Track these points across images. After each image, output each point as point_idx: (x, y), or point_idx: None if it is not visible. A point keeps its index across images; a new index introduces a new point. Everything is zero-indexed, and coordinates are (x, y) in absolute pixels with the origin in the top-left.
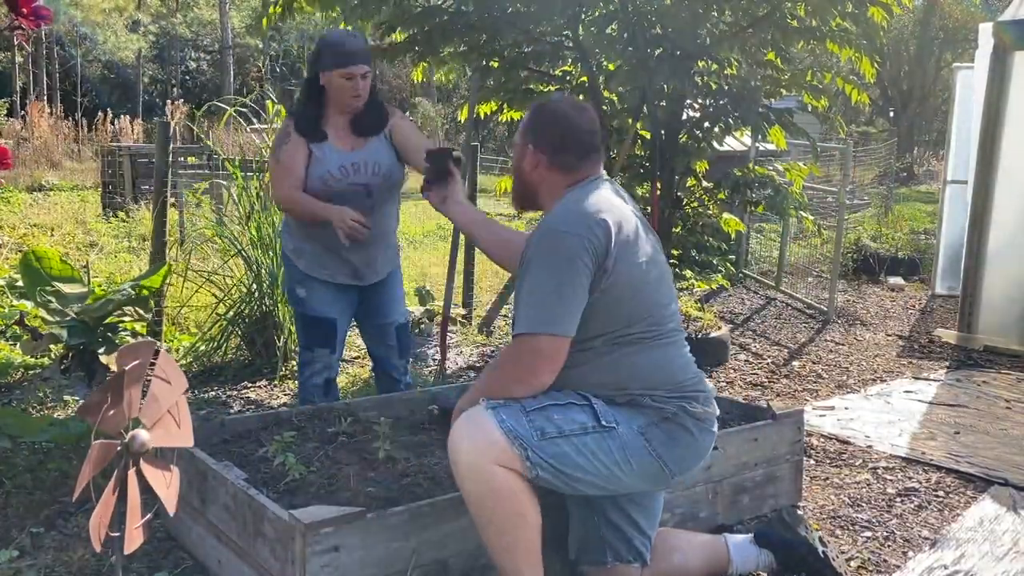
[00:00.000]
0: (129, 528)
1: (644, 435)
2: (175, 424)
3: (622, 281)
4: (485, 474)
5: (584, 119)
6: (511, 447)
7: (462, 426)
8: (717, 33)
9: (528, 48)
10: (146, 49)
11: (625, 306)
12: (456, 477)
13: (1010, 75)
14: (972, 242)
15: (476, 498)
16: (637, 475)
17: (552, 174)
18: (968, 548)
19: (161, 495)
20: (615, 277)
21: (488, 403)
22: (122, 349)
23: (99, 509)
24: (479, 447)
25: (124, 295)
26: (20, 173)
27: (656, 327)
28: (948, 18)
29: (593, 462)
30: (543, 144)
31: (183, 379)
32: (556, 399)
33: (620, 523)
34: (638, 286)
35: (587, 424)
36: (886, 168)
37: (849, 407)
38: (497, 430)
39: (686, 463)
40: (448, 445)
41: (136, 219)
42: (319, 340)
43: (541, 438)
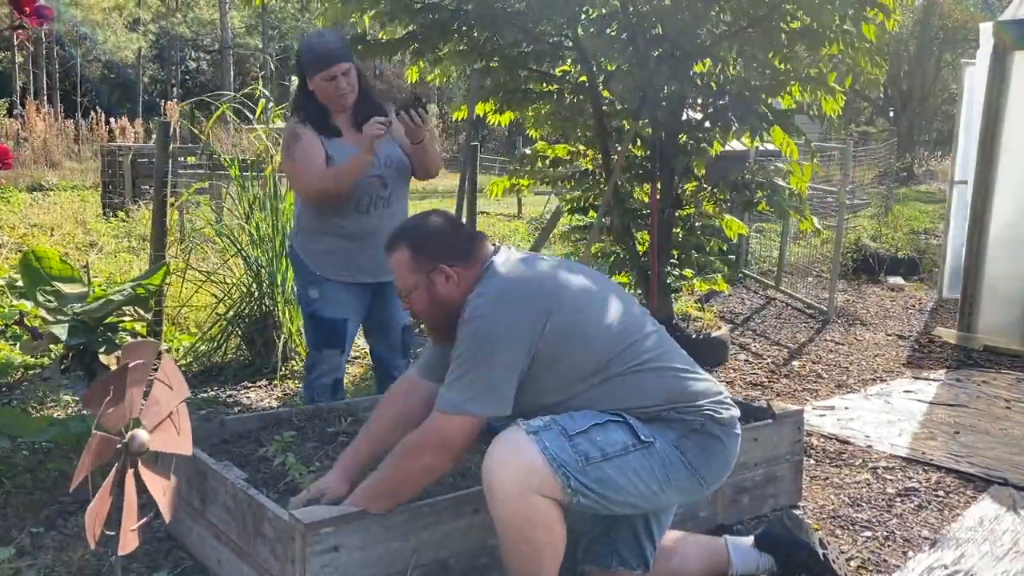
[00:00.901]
0: (125, 529)
1: (678, 448)
2: (175, 431)
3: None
4: (524, 504)
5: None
6: (554, 476)
7: (501, 450)
8: (717, 33)
9: (528, 48)
10: (146, 49)
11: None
12: (490, 502)
13: (1010, 75)
14: (972, 242)
15: (511, 525)
16: (676, 490)
17: (467, 273)
18: (968, 548)
19: (158, 500)
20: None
21: (528, 426)
22: (126, 346)
23: (95, 504)
24: (519, 475)
25: (124, 295)
26: (20, 173)
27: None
28: (948, 18)
29: (636, 482)
30: (449, 258)
31: (185, 386)
32: (595, 419)
33: (639, 532)
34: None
35: (628, 443)
36: (886, 168)
37: (849, 407)
38: (539, 456)
39: (720, 472)
40: (483, 468)
41: (136, 219)
42: (329, 341)
43: (586, 463)
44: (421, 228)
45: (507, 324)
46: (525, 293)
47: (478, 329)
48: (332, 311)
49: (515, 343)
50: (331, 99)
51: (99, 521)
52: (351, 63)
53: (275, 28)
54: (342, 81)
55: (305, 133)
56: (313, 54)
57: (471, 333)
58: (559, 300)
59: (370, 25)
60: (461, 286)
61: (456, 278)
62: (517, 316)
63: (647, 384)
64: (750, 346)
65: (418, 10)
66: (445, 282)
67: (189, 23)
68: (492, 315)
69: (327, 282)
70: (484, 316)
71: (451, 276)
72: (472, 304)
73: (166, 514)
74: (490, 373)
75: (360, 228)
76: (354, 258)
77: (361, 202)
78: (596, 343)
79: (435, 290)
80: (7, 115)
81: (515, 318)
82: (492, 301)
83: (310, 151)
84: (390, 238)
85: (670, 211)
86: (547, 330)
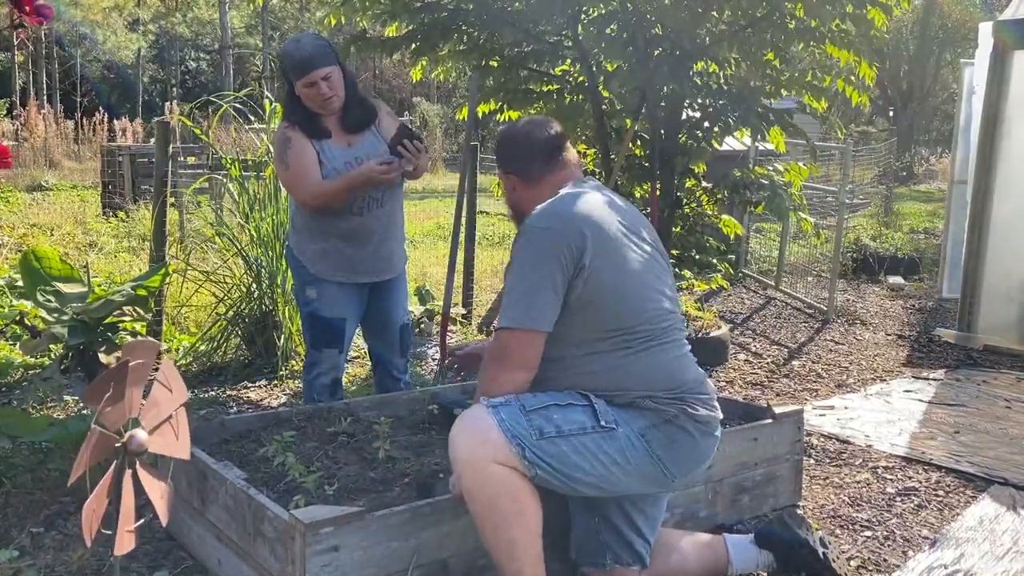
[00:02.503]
0: (122, 529)
1: (644, 437)
2: (174, 435)
3: (603, 280)
4: (482, 471)
5: (542, 129)
6: (508, 445)
7: (460, 424)
8: (716, 33)
9: (528, 47)
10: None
11: (611, 306)
12: (455, 475)
13: (1009, 75)
14: (972, 242)
15: (474, 495)
16: (636, 477)
17: (531, 190)
18: (968, 547)
19: (155, 504)
20: (593, 275)
21: (488, 401)
22: (126, 345)
23: (91, 501)
24: (476, 444)
25: (124, 295)
26: (20, 173)
27: (650, 327)
28: (948, 17)
29: (592, 462)
30: (511, 165)
31: (184, 390)
32: (557, 399)
33: (621, 526)
34: (620, 286)
35: (586, 424)
36: (886, 167)
37: (849, 407)
38: (495, 428)
39: (687, 467)
40: (449, 442)
41: (136, 219)
42: (328, 341)
43: (539, 437)
44: (505, 133)
45: (548, 246)
46: (573, 224)
47: (522, 248)
48: (330, 311)
49: (556, 266)
50: (315, 104)
51: (96, 519)
52: (332, 66)
53: (275, 28)
54: (323, 86)
55: (295, 137)
56: (291, 61)
57: (517, 251)
58: (606, 246)
59: (371, 24)
60: (524, 198)
61: (517, 188)
62: (557, 240)
63: (640, 366)
64: (750, 346)
65: (418, 9)
66: (512, 188)
67: (189, 23)
68: (537, 238)
69: (324, 282)
70: (530, 237)
71: (516, 186)
72: (526, 223)
73: (163, 518)
74: (539, 288)
75: (354, 229)
76: (349, 259)
77: (355, 203)
78: (620, 307)
79: (508, 190)
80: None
81: (563, 242)
82: (541, 224)
83: (302, 157)
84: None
85: (670, 211)
86: (586, 271)
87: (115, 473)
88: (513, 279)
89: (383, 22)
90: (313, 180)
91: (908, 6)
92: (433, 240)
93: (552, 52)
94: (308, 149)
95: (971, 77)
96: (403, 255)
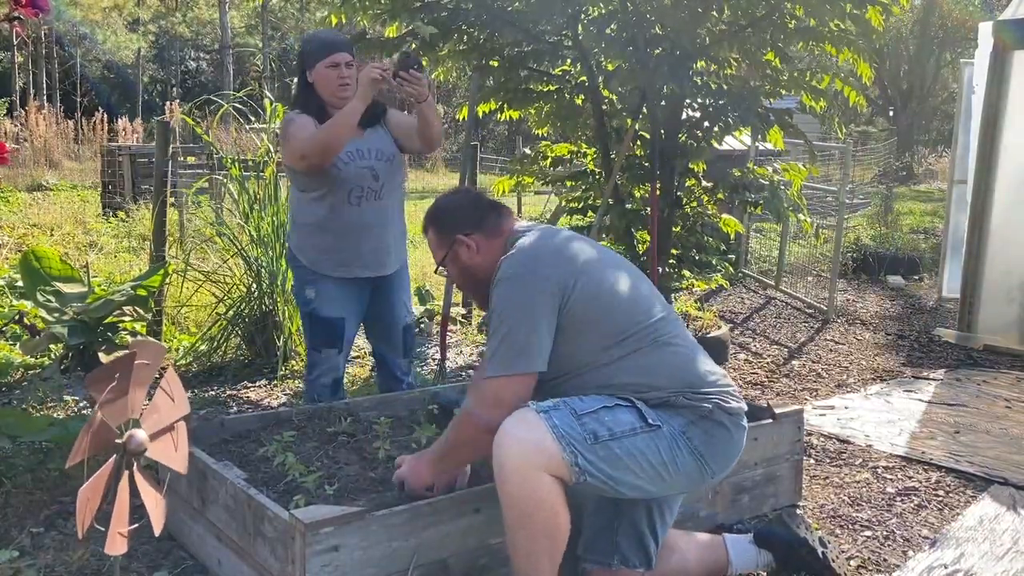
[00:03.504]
0: (113, 530)
1: (685, 434)
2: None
3: (595, 292)
4: (531, 479)
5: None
6: (562, 453)
7: (512, 428)
8: (716, 33)
9: (528, 47)
10: (146, 49)
11: (610, 314)
12: (498, 478)
13: (1009, 75)
14: (972, 242)
15: (516, 501)
16: (682, 476)
17: (492, 242)
18: (968, 547)
19: (150, 511)
20: (583, 294)
21: (538, 405)
22: (134, 342)
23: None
24: (528, 450)
25: (124, 295)
26: (20, 173)
27: (654, 326)
28: (948, 18)
29: (642, 464)
30: (469, 228)
31: (186, 402)
32: (604, 401)
33: (643, 528)
34: (612, 294)
35: (635, 425)
36: (886, 167)
37: (849, 406)
38: (549, 434)
39: (725, 461)
40: (494, 444)
41: (136, 219)
42: (328, 341)
43: (594, 442)
44: (439, 206)
45: (535, 282)
46: (552, 256)
47: (507, 289)
48: (330, 310)
49: (544, 301)
50: (332, 90)
51: (90, 510)
52: (354, 59)
53: (275, 28)
54: (344, 70)
55: (300, 117)
56: (317, 42)
57: (501, 294)
58: (585, 268)
59: (371, 23)
60: (484, 254)
61: (476, 247)
62: (544, 274)
63: (664, 363)
64: (750, 346)
65: (417, 9)
66: (468, 251)
67: (189, 23)
68: (521, 275)
69: (324, 281)
70: (512, 276)
71: (471, 245)
72: (502, 267)
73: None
74: (523, 330)
75: (353, 221)
76: (349, 253)
77: (352, 194)
78: (619, 314)
79: (460, 260)
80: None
81: (543, 276)
82: (520, 262)
83: (305, 126)
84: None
85: (670, 211)
86: (574, 293)
87: (113, 468)
88: (501, 326)
89: (383, 22)
90: (311, 133)
91: (908, 5)
92: None
93: (552, 52)
94: (311, 124)
95: (971, 77)
96: (403, 251)
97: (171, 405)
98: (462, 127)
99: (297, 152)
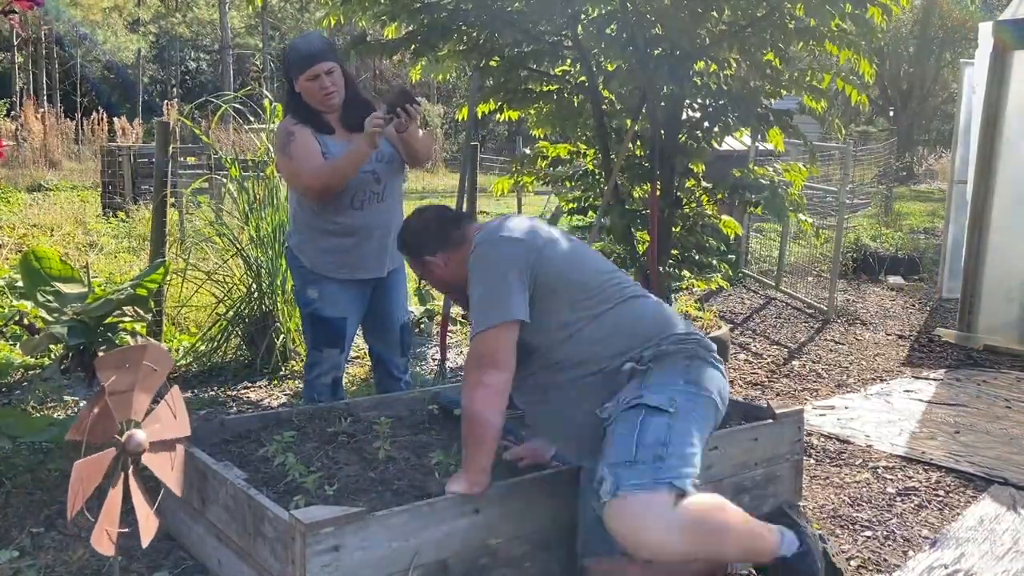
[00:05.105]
0: (100, 527)
1: (688, 381)
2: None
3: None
4: (675, 533)
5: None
6: (662, 494)
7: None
8: (716, 33)
9: (528, 47)
10: (146, 49)
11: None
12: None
13: (1009, 75)
14: (972, 242)
15: (694, 550)
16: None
17: (457, 254)
18: (968, 547)
19: (167, 480)
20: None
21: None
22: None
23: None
24: (653, 524)
25: (124, 295)
26: (20, 173)
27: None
28: (948, 18)
29: (696, 435)
30: (430, 250)
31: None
32: (629, 427)
33: None
34: (575, 260)
35: (661, 421)
36: (886, 167)
37: (849, 406)
38: (640, 498)
39: (723, 393)
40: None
41: (136, 219)
42: (329, 340)
43: (663, 461)
44: (407, 230)
45: (503, 251)
46: (515, 233)
47: (477, 262)
48: (332, 310)
49: (513, 262)
50: (317, 100)
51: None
52: (334, 63)
53: (275, 28)
54: (325, 80)
55: (298, 130)
56: (296, 55)
57: (472, 267)
58: (548, 237)
59: (371, 24)
60: (454, 265)
61: (444, 263)
62: (510, 247)
63: (645, 314)
64: (750, 346)
65: (417, 10)
66: (439, 268)
67: (189, 23)
68: (488, 251)
69: (325, 281)
70: (478, 257)
71: (440, 263)
72: (475, 248)
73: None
74: (493, 286)
75: (355, 223)
76: (351, 254)
77: (355, 198)
78: (587, 274)
79: (437, 275)
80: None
81: (509, 247)
82: (486, 245)
83: (307, 147)
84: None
85: (670, 211)
86: (541, 257)
87: (111, 465)
88: (476, 288)
89: (382, 23)
90: (317, 163)
91: (908, 5)
92: None
93: (552, 52)
94: (312, 140)
95: (971, 77)
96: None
97: (173, 422)
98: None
99: (300, 183)
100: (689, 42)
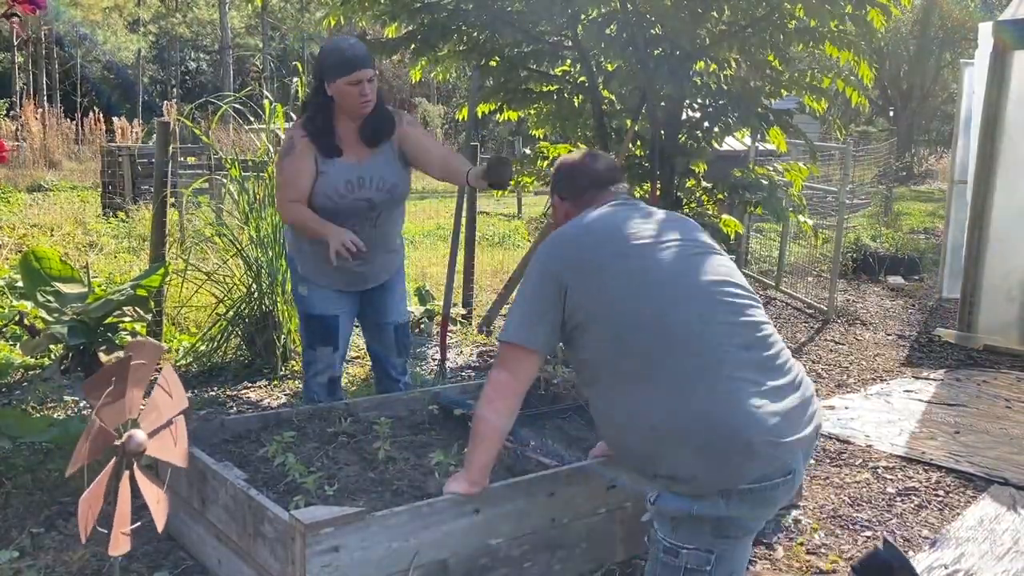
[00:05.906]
0: (116, 531)
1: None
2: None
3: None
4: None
5: (598, 162)
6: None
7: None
8: (716, 33)
9: (528, 47)
10: (146, 49)
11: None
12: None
13: (1009, 75)
14: (972, 242)
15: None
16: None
17: (575, 211)
18: (968, 547)
19: (152, 509)
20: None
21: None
22: (130, 344)
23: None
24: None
25: (124, 295)
26: (20, 173)
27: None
28: (948, 18)
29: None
30: (564, 192)
31: (184, 397)
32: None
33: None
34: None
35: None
36: (886, 167)
37: (849, 407)
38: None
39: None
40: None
41: (136, 219)
42: (322, 338)
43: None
44: (560, 164)
45: (542, 266)
46: (567, 244)
47: (530, 268)
48: (323, 308)
49: (545, 290)
50: (351, 106)
51: (92, 514)
52: (374, 72)
53: (275, 28)
54: (366, 87)
55: (301, 146)
56: (342, 57)
57: (528, 271)
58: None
59: (371, 24)
60: (563, 217)
61: (563, 212)
62: (551, 261)
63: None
64: None
65: (417, 9)
66: (556, 212)
67: (189, 23)
68: (539, 256)
69: (315, 282)
70: (536, 259)
71: (559, 209)
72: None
73: (159, 524)
74: (526, 306)
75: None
76: (338, 271)
77: (347, 222)
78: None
79: (556, 213)
80: (7, 115)
81: (549, 261)
82: (546, 244)
83: (297, 169)
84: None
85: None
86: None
87: (113, 470)
88: (518, 296)
89: (383, 23)
90: (295, 194)
91: (908, 5)
92: (433, 240)
93: (552, 52)
94: (307, 162)
95: (971, 77)
96: (389, 265)
97: (169, 402)
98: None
99: (278, 203)
100: (689, 42)
